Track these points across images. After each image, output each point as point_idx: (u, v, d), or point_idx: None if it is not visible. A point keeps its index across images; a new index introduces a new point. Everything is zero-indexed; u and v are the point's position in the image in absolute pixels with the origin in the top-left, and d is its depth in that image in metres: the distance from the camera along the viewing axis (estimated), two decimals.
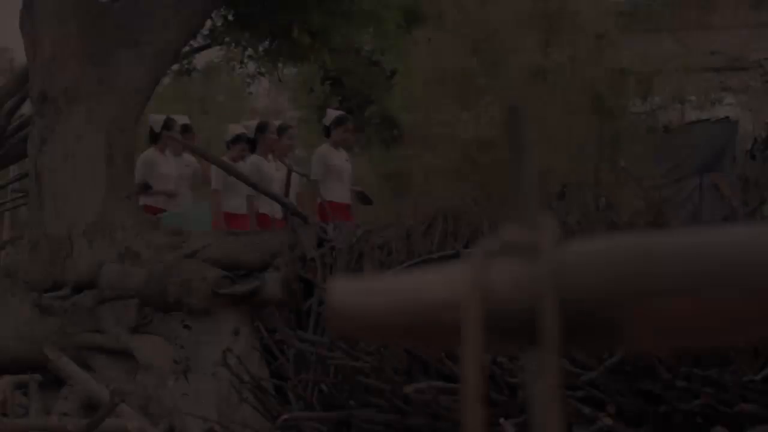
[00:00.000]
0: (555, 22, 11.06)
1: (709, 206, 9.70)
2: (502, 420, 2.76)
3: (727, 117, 11.60)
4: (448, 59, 11.34)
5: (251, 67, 6.59)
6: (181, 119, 7.39)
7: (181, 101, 21.24)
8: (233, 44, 6.13)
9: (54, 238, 4.86)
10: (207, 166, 7.13)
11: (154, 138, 7.04)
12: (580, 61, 10.20)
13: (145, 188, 6.77)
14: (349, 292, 0.68)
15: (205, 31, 5.98)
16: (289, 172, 5.41)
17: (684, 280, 0.60)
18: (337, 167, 7.12)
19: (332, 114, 7.43)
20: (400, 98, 11.81)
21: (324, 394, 3.32)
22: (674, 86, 11.40)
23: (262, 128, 7.15)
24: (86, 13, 5.05)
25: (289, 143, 7.38)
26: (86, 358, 4.53)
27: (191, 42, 5.78)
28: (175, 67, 6.87)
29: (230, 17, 5.85)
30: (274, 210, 6.74)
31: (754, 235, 0.61)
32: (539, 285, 0.62)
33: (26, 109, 6.63)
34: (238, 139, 7.26)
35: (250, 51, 6.25)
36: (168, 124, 7.00)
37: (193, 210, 6.52)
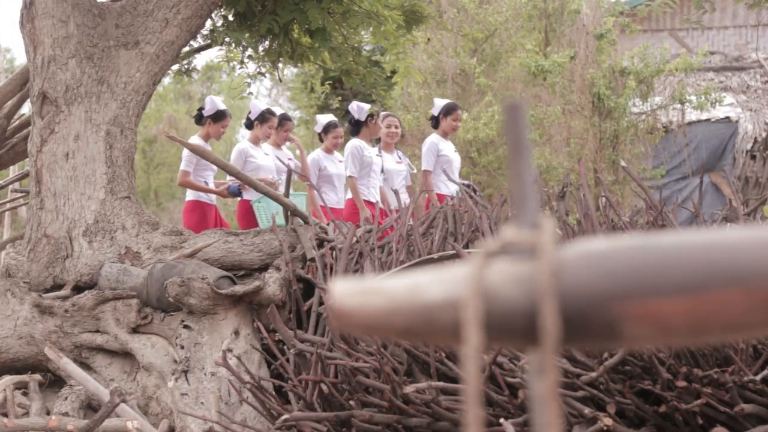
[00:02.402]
0: (555, 22, 11.06)
1: (709, 206, 9.71)
2: (502, 420, 2.76)
3: (727, 117, 11.61)
4: (448, 59, 11.35)
5: (251, 67, 6.57)
6: (277, 110, 7.33)
7: (182, 101, 21.27)
8: (233, 44, 6.12)
9: (54, 238, 4.87)
10: (306, 162, 7.13)
11: (250, 125, 7.01)
12: (580, 61, 10.21)
13: (238, 193, 6.70)
14: (349, 292, 0.68)
15: (205, 31, 5.98)
16: (289, 171, 5.40)
17: (684, 280, 0.60)
18: (447, 158, 7.06)
19: (440, 103, 7.32)
20: (400, 98, 11.83)
21: (324, 394, 3.32)
22: (674, 86, 11.41)
23: (372, 116, 7.12)
24: (86, 13, 5.05)
25: (392, 131, 7.32)
26: (86, 358, 4.53)
27: (191, 42, 5.77)
28: (175, 67, 6.86)
29: (230, 17, 5.85)
30: (371, 194, 6.78)
31: (754, 235, 0.61)
32: (539, 285, 0.62)
33: (26, 109, 6.63)
34: (330, 126, 7.19)
35: (250, 51, 6.25)
36: (263, 117, 6.95)
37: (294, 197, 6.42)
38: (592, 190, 9.16)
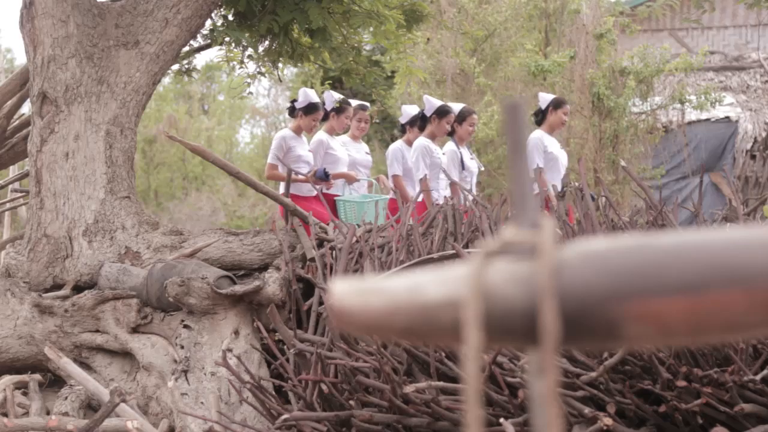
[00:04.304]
0: (555, 21, 11.06)
1: (709, 206, 9.71)
2: (502, 420, 2.76)
3: (727, 117, 11.61)
4: (447, 59, 11.34)
5: (251, 67, 6.56)
6: (354, 101, 7.26)
7: (182, 101, 21.27)
8: (233, 44, 6.12)
9: (54, 238, 4.87)
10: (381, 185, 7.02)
11: (325, 116, 6.93)
12: (580, 61, 10.21)
13: (325, 177, 6.60)
14: (349, 292, 0.68)
15: (205, 31, 5.98)
16: (289, 171, 5.40)
17: (684, 280, 0.60)
18: (553, 155, 6.85)
19: (548, 97, 7.16)
20: (401, 98, 11.82)
21: (324, 394, 3.32)
22: (674, 86, 11.40)
23: (441, 113, 6.95)
24: (86, 13, 5.05)
25: (470, 129, 7.20)
26: (86, 358, 4.53)
27: (191, 42, 5.77)
28: (175, 67, 6.85)
29: (230, 17, 5.85)
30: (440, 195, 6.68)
31: (754, 235, 0.61)
32: (539, 285, 0.62)
33: (26, 108, 6.63)
34: (416, 120, 7.05)
35: (250, 51, 6.25)
36: (339, 108, 6.86)
37: (371, 197, 6.29)
38: (592, 190, 9.16)
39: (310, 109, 6.69)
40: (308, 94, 6.76)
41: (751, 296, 0.59)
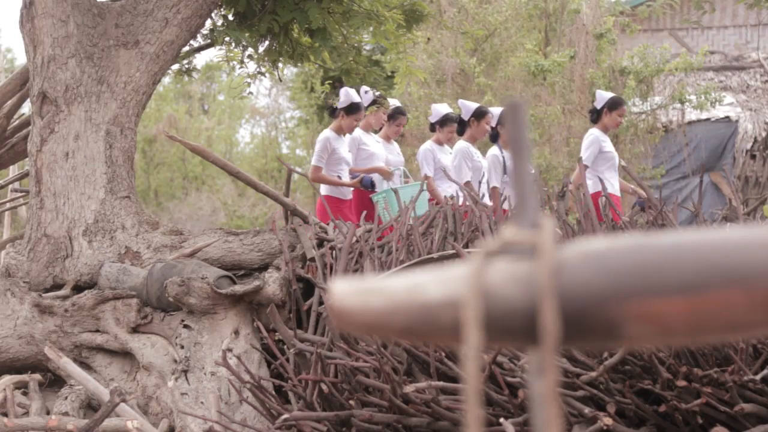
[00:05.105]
0: (555, 21, 11.06)
1: (709, 206, 9.71)
2: (502, 420, 2.76)
3: (727, 117, 11.61)
4: (447, 59, 11.34)
5: (251, 66, 6.55)
6: (394, 102, 7.20)
7: (182, 101, 21.27)
8: (233, 44, 6.12)
9: (54, 238, 4.87)
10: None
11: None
12: (580, 60, 10.21)
13: (371, 187, 6.53)
14: (349, 291, 0.68)
15: (205, 31, 5.98)
16: (289, 171, 5.41)
17: (684, 280, 0.60)
18: (611, 154, 6.71)
19: (605, 96, 7.00)
20: (400, 98, 11.82)
21: (324, 393, 3.32)
22: (674, 86, 11.40)
23: (478, 115, 6.84)
24: (86, 13, 5.05)
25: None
26: (86, 357, 4.53)
27: (191, 42, 5.76)
28: (175, 67, 6.84)
29: (230, 17, 5.85)
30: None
31: (753, 235, 0.61)
32: (539, 285, 0.62)
33: (26, 108, 6.62)
34: (447, 120, 6.98)
35: (250, 51, 6.24)
36: (377, 101, 6.80)
37: (408, 188, 6.19)
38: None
39: (352, 109, 6.60)
40: (350, 94, 6.66)
41: (751, 296, 0.59)
